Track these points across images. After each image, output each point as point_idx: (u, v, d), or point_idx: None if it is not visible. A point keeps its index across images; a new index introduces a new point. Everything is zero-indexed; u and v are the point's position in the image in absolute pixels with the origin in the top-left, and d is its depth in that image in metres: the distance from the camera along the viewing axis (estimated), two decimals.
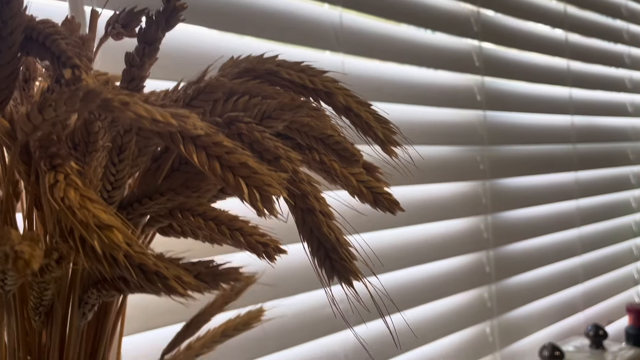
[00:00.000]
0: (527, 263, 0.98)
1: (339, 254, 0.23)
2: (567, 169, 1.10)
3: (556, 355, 0.81)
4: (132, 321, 0.48)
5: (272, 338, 0.58)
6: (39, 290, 0.27)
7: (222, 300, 0.38)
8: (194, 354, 0.37)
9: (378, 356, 0.70)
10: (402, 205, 0.79)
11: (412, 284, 0.76)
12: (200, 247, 0.38)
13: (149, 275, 0.20)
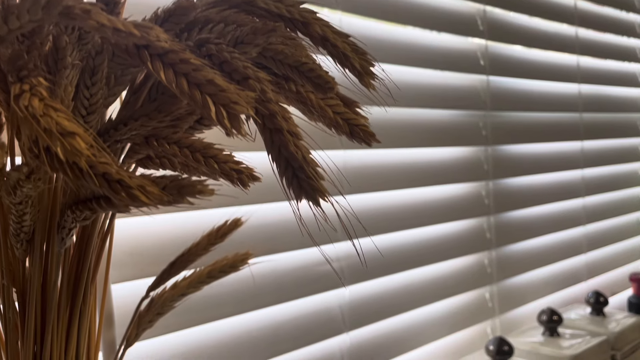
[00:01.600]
0: (529, 231, 0.97)
1: (306, 172, 0.23)
2: (572, 137, 1.08)
3: (554, 320, 0.81)
4: (125, 268, 0.49)
5: (266, 293, 0.59)
6: (17, 215, 0.28)
7: (207, 240, 0.39)
8: (180, 293, 0.38)
9: (374, 316, 0.70)
10: (403, 168, 0.79)
11: (412, 246, 0.76)
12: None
13: (113, 184, 0.21)
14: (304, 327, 0.63)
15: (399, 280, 0.75)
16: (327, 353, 0.65)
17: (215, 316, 0.54)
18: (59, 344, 0.32)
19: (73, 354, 0.33)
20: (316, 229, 0.64)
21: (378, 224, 0.71)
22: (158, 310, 0.37)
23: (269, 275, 0.60)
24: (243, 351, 0.57)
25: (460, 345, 0.83)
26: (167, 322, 0.50)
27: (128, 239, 0.49)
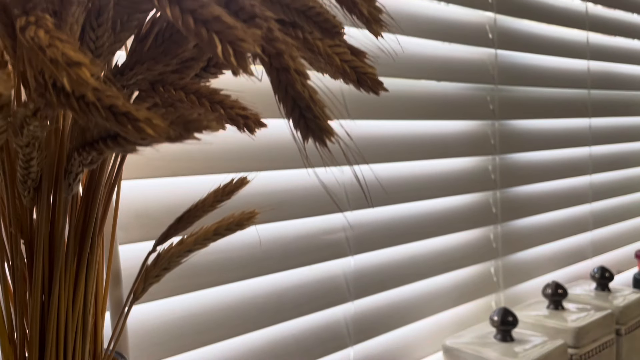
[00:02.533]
0: (535, 206, 0.97)
1: (313, 112, 0.23)
2: (580, 114, 1.07)
3: (559, 293, 0.81)
4: (132, 230, 0.49)
5: (272, 259, 0.59)
6: (25, 159, 0.28)
7: (213, 197, 0.39)
8: (186, 249, 0.38)
9: (379, 286, 0.71)
10: (409, 140, 0.79)
11: (418, 219, 0.76)
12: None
13: (119, 117, 0.20)
14: (309, 294, 0.63)
15: (405, 252, 0.75)
16: (332, 321, 0.66)
17: (222, 280, 0.55)
18: (66, 294, 0.32)
19: (81, 304, 0.33)
20: (323, 195, 0.64)
21: (384, 195, 0.71)
22: (165, 266, 0.37)
23: (275, 242, 0.60)
24: (249, 316, 0.57)
25: (465, 318, 0.83)
26: (174, 285, 0.51)
27: (135, 202, 0.49)
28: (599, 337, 0.77)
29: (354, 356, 0.68)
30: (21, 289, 0.33)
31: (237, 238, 0.57)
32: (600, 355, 0.76)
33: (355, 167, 0.68)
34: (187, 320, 0.53)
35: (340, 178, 0.67)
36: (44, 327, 0.32)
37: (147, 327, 0.50)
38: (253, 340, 0.58)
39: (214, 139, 0.54)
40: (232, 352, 0.56)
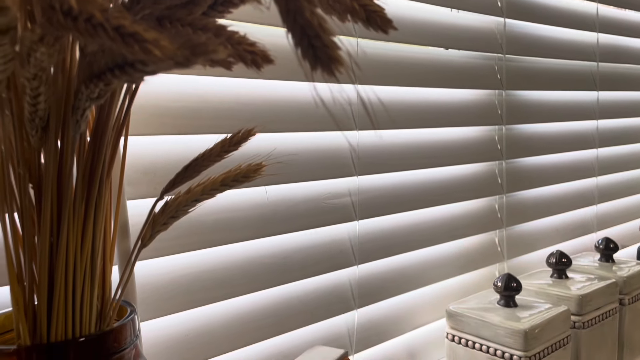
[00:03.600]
0: (540, 179, 0.97)
1: (322, 40, 0.23)
2: (588, 87, 1.07)
3: (563, 262, 0.81)
4: (139, 186, 0.49)
5: (280, 220, 0.59)
6: (32, 95, 0.28)
7: (220, 147, 0.39)
8: (193, 198, 0.38)
9: (384, 251, 0.71)
10: (416, 108, 0.78)
11: (424, 186, 0.76)
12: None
13: (127, 38, 0.20)
14: (315, 257, 0.63)
15: (410, 219, 0.75)
16: (337, 284, 0.66)
17: (229, 240, 0.55)
18: (75, 236, 0.33)
19: (89, 247, 0.33)
20: (330, 159, 0.64)
21: (390, 162, 0.71)
22: (172, 214, 0.37)
23: (281, 204, 0.60)
24: (255, 276, 0.57)
25: (468, 287, 0.84)
26: (182, 242, 0.51)
27: (142, 158, 0.50)
28: (602, 306, 0.77)
29: (358, 319, 0.68)
30: (30, 232, 0.33)
31: (245, 198, 0.57)
32: (603, 323, 0.77)
33: (363, 132, 0.68)
34: (194, 278, 0.53)
35: (348, 142, 0.67)
36: (53, 270, 0.33)
37: (155, 282, 0.51)
38: (259, 300, 0.59)
39: (222, 97, 0.54)
40: (238, 311, 0.57)
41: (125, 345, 0.36)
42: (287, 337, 0.61)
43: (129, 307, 0.39)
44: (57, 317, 0.33)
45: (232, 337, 0.56)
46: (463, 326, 0.69)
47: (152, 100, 0.50)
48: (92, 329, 0.34)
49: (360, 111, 0.67)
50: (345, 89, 0.66)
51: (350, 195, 0.67)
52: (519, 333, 0.63)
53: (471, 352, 0.68)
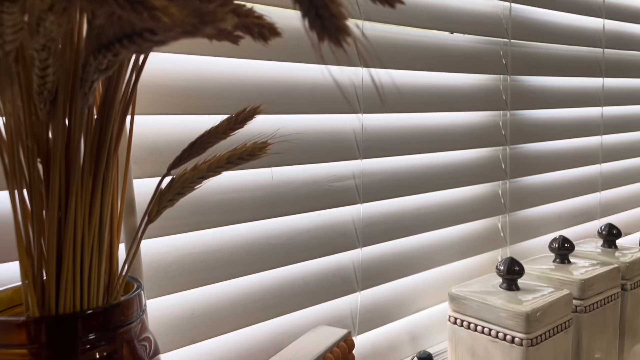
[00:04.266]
0: (544, 165, 0.97)
1: (330, 10, 0.23)
2: (593, 74, 1.06)
3: (566, 247, 0.81)
4: (145, 165, 0.49)
5: (284, 202, 0.60)
6: (41, 67, 0.28)
7: (226, 125, 0.39)
8: (199, 175, 0.38)
9: (387, 234, 0.71)
10: (420, 96, 0.78)
11: (427, 170, 0.76)
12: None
13: (135, 5, 0.21)
14: (319, 238, 0.64)
15: (414, 203, 0.76)
16: (341, 266, 0.67)
17: (233, 220, 0.55)
18: (83, 209, 0.33)
19: (97, 220, 0.34)
20: (334, 141, 0.64)
21: (394, 145, 0.71)
22: (178, 190, 0.38)
23: (285, 186, 0.60)
24: (259, 256, 0.58)
25: (471, 272, 0.84)
26: (187, 221, 0.52)
27: (148, 137, 0.50)
28: (604, 291, 0.77)
29: (361, 301, 0.69)
30: (38, 206, 0.33)
31: (249, 179, 0.58)
32: (604, 308, 0.77)
33: (367, 115, 0.68)
34: (199, 257, 0.54)
35: (352, 125, 0.67)
36: (61, 243, 0.33)
37: (160, 261, 0.51)
38: (263, 280, 0.59)
39: (228, 77, 0.54)
40: (243, 290, 0.57)
41: (132, 319, 0.36)
42: (291, 317, 0.62)
43: (136, 283, 0.39)
44: (65, 289, 0.33)
45: (237, 317, 0.56)
46: (465, 309, 0.69)
47: (158, 80, 0.50)
48: (100, 302, 0.35)
49: (364, 94, 0.67)
50: (351, 70, 0.66)
51: (354, 178, 0.67)
52: (521, 315, 0.63)
53: (473, 335, 0.68)
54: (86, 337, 0.33)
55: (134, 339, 0.37)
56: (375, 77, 0.69)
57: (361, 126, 0.67)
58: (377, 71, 0.69)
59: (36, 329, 0.32)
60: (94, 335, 0.34)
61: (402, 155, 0.73)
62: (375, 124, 0.69)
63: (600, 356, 0.77)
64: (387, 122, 0.71)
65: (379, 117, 0.70)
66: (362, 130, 0.67)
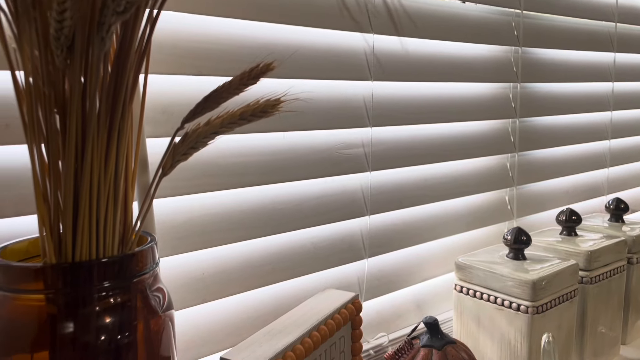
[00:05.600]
0: (553, 139, 0.97)
1: None
2: (605, 49, 1.05)
3: (573, 219, 0.81)
4: (158, 125, 0.50)
5: (293, 167, 0.60)
6: (59, 11, 0.28)
7: (239, 80, 0.39)
8: (212, 131, 0.38)
9: (395, 203, 0.71)
10: (430, 65, 0.77)
11: (436, 141, 0.76)
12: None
13: None
14: (328, 205, 0.64)
15: (422, 173, 0.76)
16: (349, 233, 0.67)
17: (243, 183, 0.56)
18: (98, 159, 0.33)
19: (112, 169, 0.34)
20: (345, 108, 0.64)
21: (404, 114, 0.71)
22: (192, 145, 0.38)
23: (295, 151, 0.61)
24: (269, 220, 0.58)
25: (477, 243, 0.85)
26: (198, 182, 0.52)
27: (161, 97, 0.50)
28: (610, 263, 0.78)
29: (369, 268, 0.69)
30: (55, 157, 0.34)
31: (260, 144, 0.58)
32: (610, 280, 0.78)
33: (377, 82, 0.68)
34: (210, 219, 0.54)
35: (363, 92, 0.67)
36: (77, 193, 0.34)
37: (172, 221, 0.52)
38: (273, 244, 0.60)
39: (241, 40, 0.54)
40: (252, 253, 0.58)
41: (146, 270, 0.37)
42: (299, 281, 0.62)
43: (149, 237, 0.40)
44: (81, 238, 0.34)
45: (247, 279, 0.57)
46: (471, 277, 0.70)
47: (171, 41, 0.50)
48: (115, 252, 0.36)
49: (375, 61, 0.66)
50: (360, 36, 0.66)
51: (364, 146, 0.68)
52: (527, 283, 0.64)
53: (478, 303, 0.69)
54: (101, 285, 0.34)
55: (148, 290, 0.38)
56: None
57: (371, 94, 0.67)
58: (385, 40, 0.69)
59: (53, 275, 0.33)
60: (109, 283, 0.34)
61: (411, 125, 0.73)
62: (385, 92, 0.69)
63: (604, 328, 0.78)
64: (397, 90, 0.71)
65: (389, 85, 0.70)
66: (372, 98, 0.67)
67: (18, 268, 0.33)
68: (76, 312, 0.33)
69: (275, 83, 0.58)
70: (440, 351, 0.60)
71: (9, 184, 0.42)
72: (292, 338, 0.46)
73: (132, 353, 0.37)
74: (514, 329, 0.65)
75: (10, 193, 0.42)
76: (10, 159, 0.42)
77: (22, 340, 0.34)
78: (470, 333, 0.70)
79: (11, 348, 0.34)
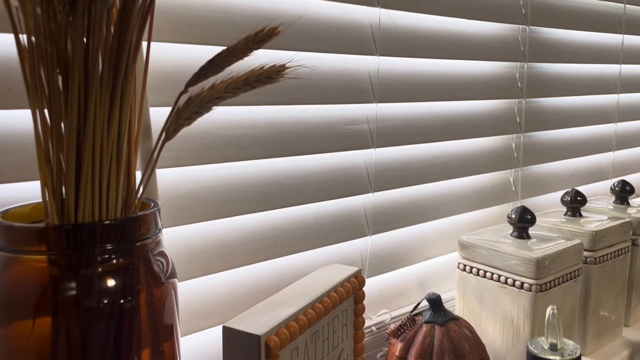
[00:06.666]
0: (559, 120, 0.96)
1: None
2: (613, 30, 1.04)
3: (578, 200, 0.81)
4: (161, 94, 0.49)
5: (297, 141, 0.59)
6: None
7: (244, 44, 0.38)
8: (216, 96, 0.38)
9: (400, 181, 0.71)
10: (438, 42, 0.76)
11: (443, 118, 0.76)
12: None
13: None
14: (331, 181, 0.63)
15: (427, 151, 0.75)
16: (352, 210, 0.67)
17: (245, 156, 0.55)
18: (101, 119, 0.33)
19: (115, 130, 0.33)
20: (350, 83, 0.64)
21: (410, 91, 0.71)
22: (195, 109, 0.37)
23: (298, 125, 0.60)
24: (272, 194, 0.58)
25: (481, 223, 0.84)
26: (201, 154, 0.52)
27: (164, 65, 0.49)
28: (615, 244, 0.77)
29: (372, 246, 0.69)
30: (57, 119, 0.33)
31: (263, 117, 0.57)
32: (614, 261, 0.77)
33: (383, 57, 0.67)
34: (213, 191, 0.54)
35: (368, 67, 0.66)
36: (80, 154, 0.33)
37: (174, 192, 0.51)
38: (275, 218, 0.59)
39: (247, 10, 0.54)
40: (254, 227, 0.58)
41: (149, 235, 0.37)
42: (302, 256, 0.62)
43: (152, 203, 0.40)
44: (84, 200, 0.33)
45: (249, 252, 0.57)
46: (475, 256, 0.69)
47: (175, 8, 0.49)
48: (118, 215, 0.35)
49: (381, 35, 0.65)
50: (368, 11, 0.65)
51: (368, 122, 0.67)
52: (532, 261, 0.64)
53: (482, 281, 0.69)
54: (104, 247, 0.34)
55: (150, 255, 0.37)
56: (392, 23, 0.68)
57: (377, 69, 0.67)
58: (394, 14, 0.68)
59: (55, 236, 0.33)
60: (112, 246, 0.34)
61: (417, 102, 0.72)
62: (391, 68, 0.68)
63: (607, 309, 0.78)
64: (403, 67, 0.70)
65: (395, 60, 0.69)
66: (377, 73, 0.67)
67: (21, 229, 0.33)
68: (78, 274, 0.33)
69: (278, 55, 0.57)
70: (442, 327, 0.60)
71: (11, 149, 0.42)
72: (294, 309, 0.46)
73: (135, 318, 0.36)
74: (517, 307, 0.65)
75: (12, 158, 0.42)
76: (12, 123, 0.42)
77: (25, 304, 0.34)
78: (473, 312, 0.70)
79: (13, 312, 0.34)
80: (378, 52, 0.66)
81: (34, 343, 0.34)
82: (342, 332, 0.54)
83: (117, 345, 0.35)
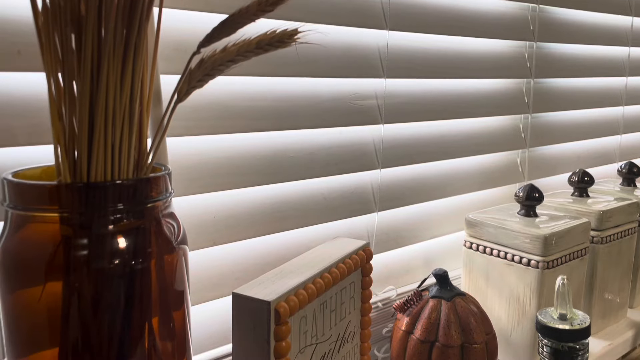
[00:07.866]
0: (567, 102, 0.95)
1: None
2: (622, 12, 1.03)
3: (585, 180, 0.80)
4: (171, 62, 0.49)
5: (306, 115, 0.59)
6: None
7: (256, 6, 0.38)
8: (228, 58, 0.37)
9: (406, 158, 0.71)
10: (447, 19, 0.75)
11: (452, 96, 0.75)
12: None
13: None
14: (340, 156, 0.63)
15: (435, 129, 0.75)
16: (360, 185, 0.67)
17: (255, 128, 0.55)
18: (114, 79, 0.33)
19: (128, 90, 0.33)
20: (359, 57, 0.63)
21: (419, 67, 0.70)
22: (207, 71, 0.37)
23: (308, 99, 0.60)
24: (280, 167, 0.58)
25: (488, 203, 0.84)
26: (212, 123, 0.52)
27: (175, 34, 0.49)
28: (622, 224, 0.77)
29: (378, 222, 0.69)
30: (70, 78, 0.33)
31: (273, 89, 0.57)
32: (621, 241, 0.77)
33: (393, 32, 0.66)
34: (223, 162, 0.54)
35: (377, 42, 0.65)
36: (93, 113, 0.33)
37: (185, 162, 0.51)
38: (283, 192, 0.59)
39: None
40: (263, 200, 0.58)
41: (160, 197, 0.37)
42: (308, 230, 0.62)
43: (163, 167, 0.40)
44: (96, 159, 0.33)
45: (257, 224, 0.57)
46: (482, 233, 0.69)
47: None
48: (130, 176, 0.35)
49: (391, 10, 0.65)
50: None
51: (377, 98, 0.67)
52: (539, 238, 0.63)
53: (488, 259, 0.69)
54: (115, 207, 0.34)
55: (161, 218, 0.37)
56: None
57: (386, 44, 0.66)
58: None
59: (67, 194, 0.33)
60: (123, 206, 0.34)
61: (425, 79, 0.72)
62: (401, 44, 0.68)
63: (612, 290, 0.78)
64: (413, 42, 0.70)
65: (405, 35, 0.69)
66: (387, 48, 0.66)
67: (34, 186, 0.33)
68: (90, 232, 0.33)
69: (287, 25, 0.56)
70: (449, 302, 0.60)
71: (22, 112, 0.41)
72: (303, 278, 0.46)
73: (145, 280, 0.36)
74: (524, 285, 0.65)
75: (22, 122, 0.41)
76: (23, 86, 0.42)
77: (37, 264, 0.34)
78: (479, 289, 0.70)
79: (26, 272, 0.34)
80: (388, 27, 0.65)
81: (45, 302, 0.34)
82: (350, 304, 0.54)
83: (128, 307, 0.35)
